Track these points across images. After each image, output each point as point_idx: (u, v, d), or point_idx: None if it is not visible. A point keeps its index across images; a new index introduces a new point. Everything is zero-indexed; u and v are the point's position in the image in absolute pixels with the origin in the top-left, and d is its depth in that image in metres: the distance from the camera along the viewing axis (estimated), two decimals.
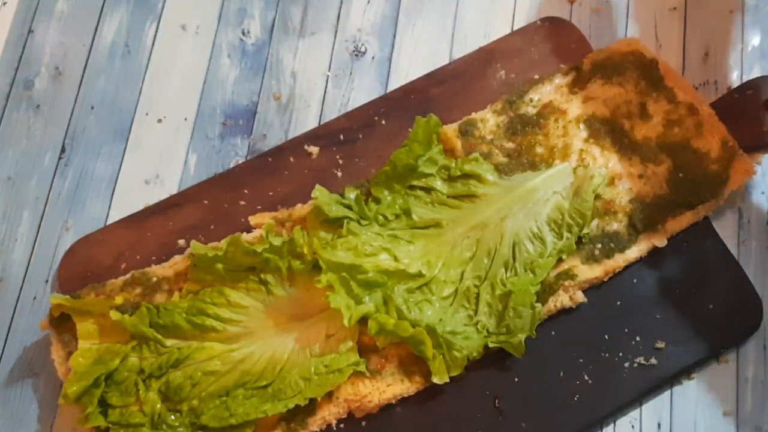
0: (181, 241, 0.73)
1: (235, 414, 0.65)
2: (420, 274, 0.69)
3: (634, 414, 0.71)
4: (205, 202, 0.75)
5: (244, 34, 0.83)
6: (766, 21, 0.83)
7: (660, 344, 0.71)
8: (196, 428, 0.66)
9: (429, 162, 0.72)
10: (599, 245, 0.71)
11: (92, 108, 0.80)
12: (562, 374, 0.70)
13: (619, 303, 0.72)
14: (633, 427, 0.71)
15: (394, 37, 0.83)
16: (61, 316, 0.68)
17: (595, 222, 0.72)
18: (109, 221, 0.76)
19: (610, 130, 0.75)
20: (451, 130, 0.74)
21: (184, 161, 0.79)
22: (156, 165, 0.78)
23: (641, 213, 0.72)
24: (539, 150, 0.74)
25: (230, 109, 0.80)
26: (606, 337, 0.71)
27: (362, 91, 0.81)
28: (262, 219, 0.72)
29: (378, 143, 0.76)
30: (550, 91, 0.76)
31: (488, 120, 0.75)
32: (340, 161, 0.76)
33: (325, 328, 0.68)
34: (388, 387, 0.68)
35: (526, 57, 0.79)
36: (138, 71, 0.81)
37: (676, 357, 0.70)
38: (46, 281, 0.75)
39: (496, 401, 0.69)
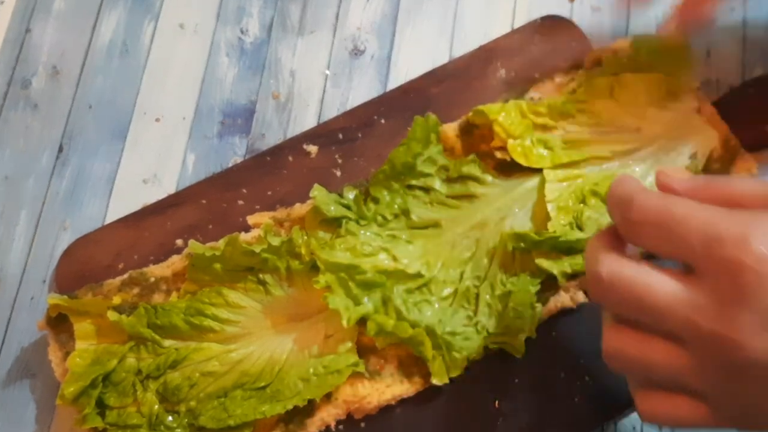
0: (179, 241, 0.73)
1: (234, 415, 0.65)
2: (419, 275, 0.68)
3: (634, 415, 0.71)
4: (203, 201, 0.75)
5: (242, 32, 0.82)
6: None
7: None
8: (195, 429, 0.66)
9: (428, 161, 0.71)
10: None
11: (90, 107, 0.80)
12: (562, 375, 0.69)
13: None
14: (634, 428, 0.71)
15: (394, 35, 0.82)
16: (59, 317, 0.68)
17: None
18: (107, 221, 0.76)
19: None
20: (450, 129, 0.74)
21: (183, 161, 0.78)
22: (154, 164, 0.78)
23: None
24: None
25: (229, 108, 0.80)
26: None
27: (361, 90, 0.80)
28: (260, 219, 0.72)
29: (377, 142, 0.76)
30: (551, 89, 0.76)
31: None
32: (339, 160, 0.76)
33: (323, 329, 0.68)
34: (388, 388, 0.67)
35: (527, 55, 0.79)
36: (136, 70, 0.81)
37: None
38: (44, 281, 0.74)
39: (496, 402, 0.69)
